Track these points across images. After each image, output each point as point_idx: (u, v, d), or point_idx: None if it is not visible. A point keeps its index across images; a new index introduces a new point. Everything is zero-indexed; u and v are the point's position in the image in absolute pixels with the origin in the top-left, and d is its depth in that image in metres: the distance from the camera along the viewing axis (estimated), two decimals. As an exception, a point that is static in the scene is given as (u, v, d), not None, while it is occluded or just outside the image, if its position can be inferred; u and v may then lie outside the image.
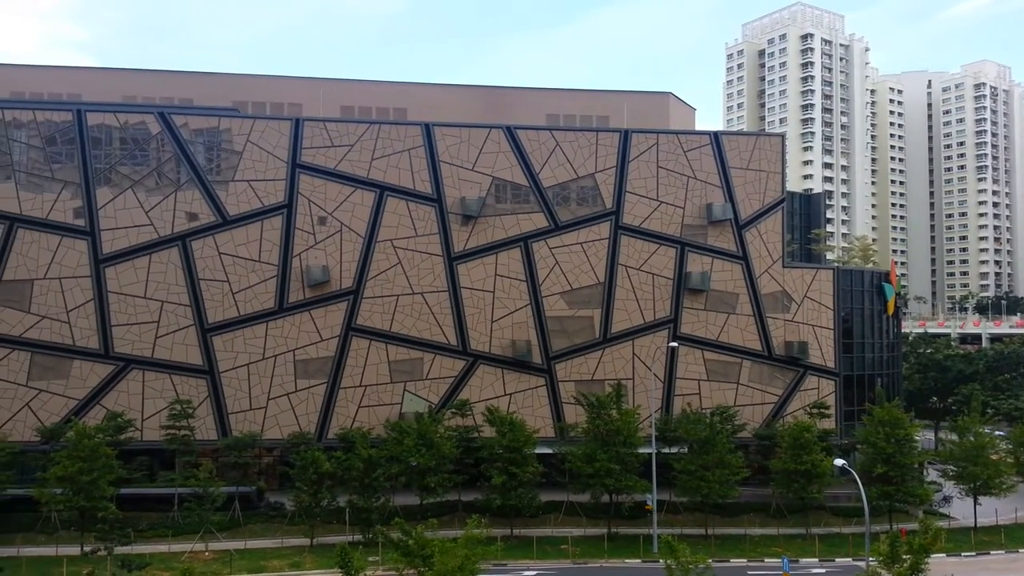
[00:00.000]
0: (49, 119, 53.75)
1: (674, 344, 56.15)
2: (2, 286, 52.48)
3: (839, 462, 42.18)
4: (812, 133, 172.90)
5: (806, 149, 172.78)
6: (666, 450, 51.27)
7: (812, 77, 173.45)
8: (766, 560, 44.62)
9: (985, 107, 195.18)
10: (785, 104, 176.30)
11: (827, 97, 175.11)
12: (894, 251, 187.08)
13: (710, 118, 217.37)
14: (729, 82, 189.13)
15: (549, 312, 56.86)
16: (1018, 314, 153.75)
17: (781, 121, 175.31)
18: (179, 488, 47.93)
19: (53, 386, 52.64)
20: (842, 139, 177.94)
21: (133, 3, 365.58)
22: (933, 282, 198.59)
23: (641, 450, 48.44)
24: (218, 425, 53.80)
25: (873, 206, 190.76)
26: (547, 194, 57.20)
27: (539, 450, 50.16)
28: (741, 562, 44.43)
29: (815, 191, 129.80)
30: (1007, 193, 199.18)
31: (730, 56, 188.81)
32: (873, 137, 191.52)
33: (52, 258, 52.92)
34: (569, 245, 57.32)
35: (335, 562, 33.08)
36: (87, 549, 41.63)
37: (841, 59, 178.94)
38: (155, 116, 54.77)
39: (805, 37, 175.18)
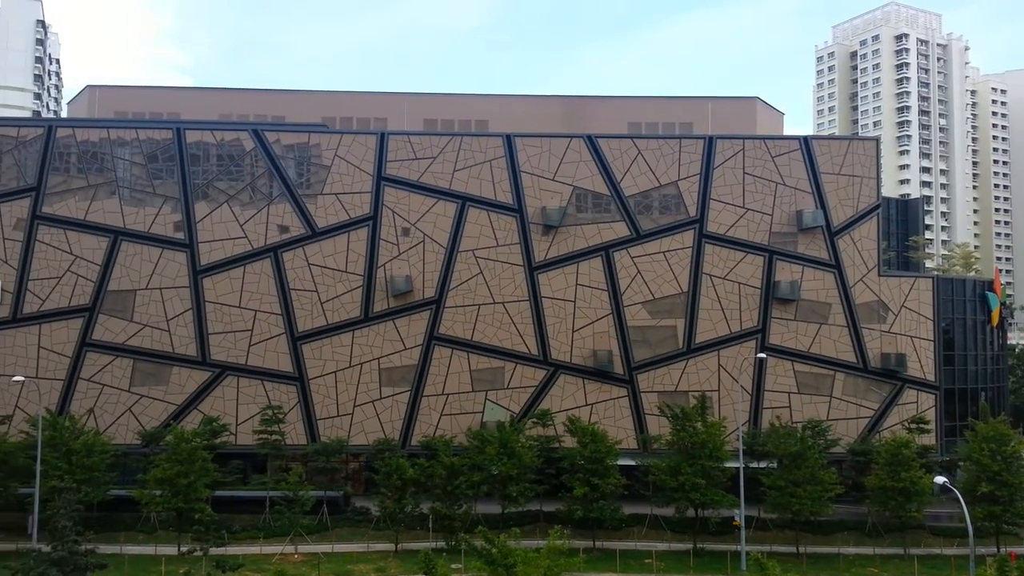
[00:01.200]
0: (151, 137, 56.69)
1: (762, 355, 54.48)
2: (107, 296, 55.50)
3: (940, 480, 39.79)
4: (908, 136, 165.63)
5: (902, 153, 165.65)
6: (754, 464, 49.76)
7: (908, 79, 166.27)
8: (862, 581, 42.65)
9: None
10: (879, 107, 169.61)
11: (924, 99, 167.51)
12: (998, 259, 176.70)
13: (799, 123, 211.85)
14: (819, 85, 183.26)
15: (631, 322, 56.18)
16: None
17: (875, 124, 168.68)
18: (270, 491, 49.41)
19: (154, 391, 55.24)
20: (941, 142, 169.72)
21: (228, 27, 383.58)
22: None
23: (728, 464, 47.15)
24: (307, 431, 55.30)
25: (975, 212, 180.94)
26: (629, 203, 56.64)
27: (621, 462, 49.52)
28: (835, 582, 42.64)
29: (912, 196, 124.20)
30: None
31: (820, 59, 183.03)
32: (974, 140, 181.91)
33: (153, 269, 55.66)
34: (651, 254, 56.55)
35: (419, 568, 33.43)
36: (183, 549, 43.28)
37: (939, 59, 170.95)
38: (249, 133, 57.02)
39: (899, 37, 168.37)
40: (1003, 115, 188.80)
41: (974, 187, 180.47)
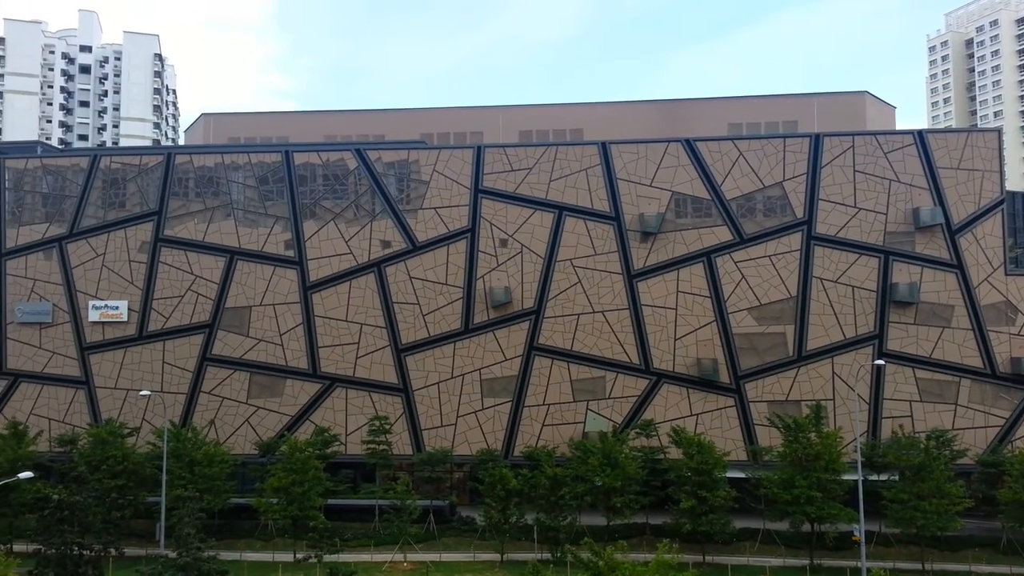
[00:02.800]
0: (262, 161, 59.40)
1: (880, 362, 51.56)
2: (225, 313, 58.37)
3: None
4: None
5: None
6: (874, 477, 47.25)
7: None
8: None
9: None
10: (1000, 96, 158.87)
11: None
12: None
13: (912, 117, 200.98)
14: (932, 76, 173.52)
15: (736, 329, 54.50)
16: None
17: (996, 115, 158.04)
18: (379, 500, 50.54)
19: (269, 403, 57.62)
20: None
21: (330, 53, 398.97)
22: None
23: (845, 476, 44.90)
24: (412, 441, 56.34)
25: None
26: (731, 206, 55.09)
27: (730, 474, 47.99)
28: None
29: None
30: None
31: (932, 48, 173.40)
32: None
33: (267, 286, 58.17)
34: (756, 258, 54.76)
35: (526, 579, 33.27)
36: (299, 556, 44.82)
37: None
38: (352, 153, 58.88)
39: (1020, 21, 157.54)
40: None
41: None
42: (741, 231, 54.91)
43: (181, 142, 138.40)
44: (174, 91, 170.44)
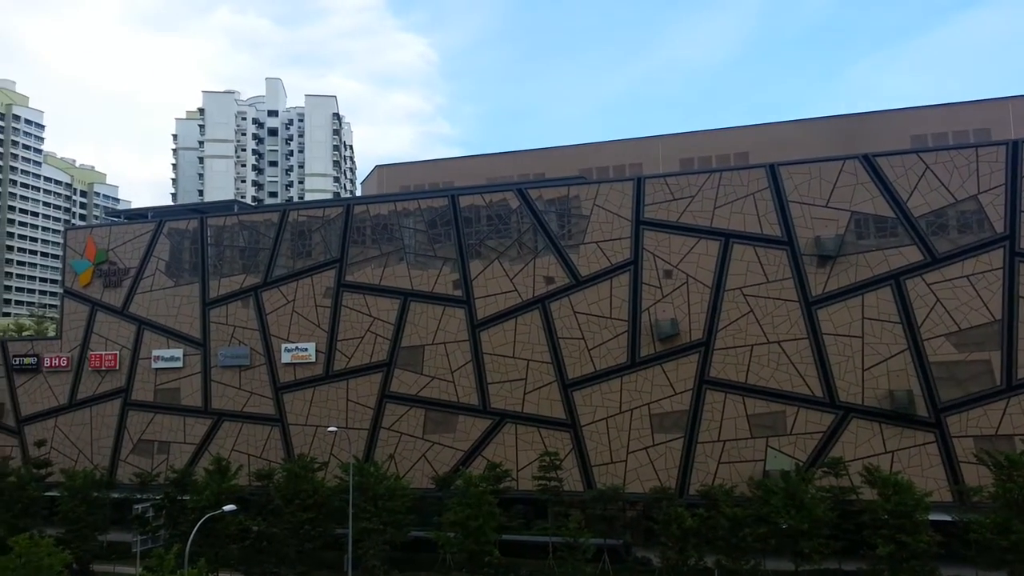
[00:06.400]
0: (430, 205, 62.10)
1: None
2: (401, 352, 61.08)
3: None
4: None
5: None
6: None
7: None
8: None
9: None
10: None
11: None
12: None
13: None
14: None
15: (933, 357, 49.78)
16: None
17: None
18: (552, 537, 50.30)
19: (443, 439, 59.34)
20: None
21: (492, 98, 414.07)
22: None
23: (1076, 523, 39.42)
24: (583, 477, 55.81)
25: None
26: (919, 224, 50.82)
27: (933, 516, 43.58)
28: None
29: None
30: None
31: None
32: None
33: (438, 325, 60.33)
34: (952, 279, 49.99)
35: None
36: (476, 590, 45.38)
37: None
38: (514, 192, 60.24)
39: None
40: None
41: None
42: (933, 250, 50.41)
43: (358, 193, 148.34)
44: (350, 146, 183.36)
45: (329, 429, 54.15)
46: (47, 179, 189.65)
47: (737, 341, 53.55)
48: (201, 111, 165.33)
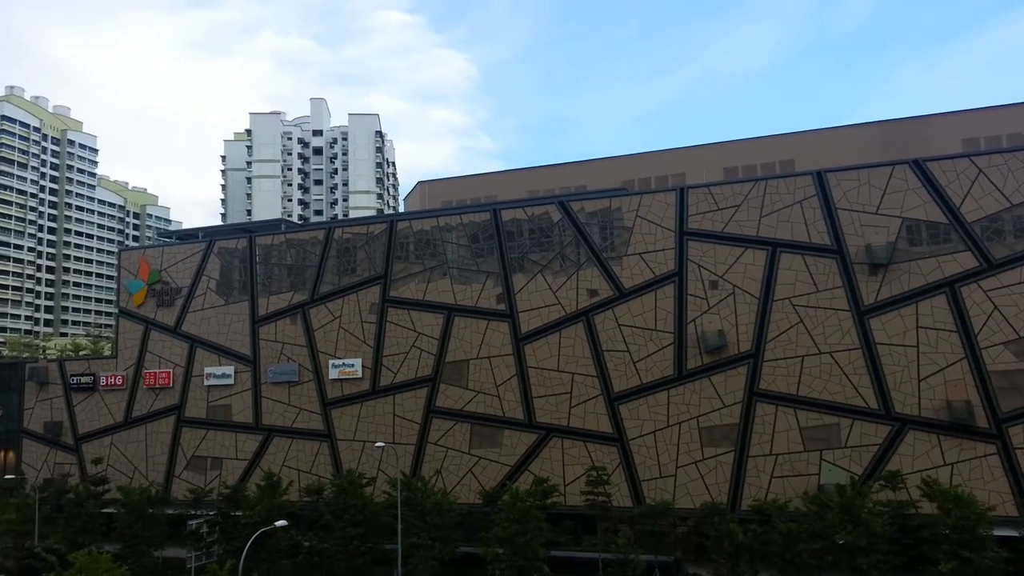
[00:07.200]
0: (473, 220, 62.40)
1: None
2: (446, 367, 61.31)
3: None
4: None
5: None
6: None
7: None
8: None
9: None
10: None
11: None
12: None
13: None
14: None
15: (992, 366, 48.19)
16: None
17: None
18: (601, 553, 49.77)
19: (489, 453, 59.30)
20: None
21: (532, 111, 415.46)
22: None
23: None
24: (631, 492, 55.19)
25: None
26: (973, 229, 49.39)
27: (998, 532, 42.10)
28: None
29: None
30: None
31: None
32: None
33: (482, 340, 60.45)
34: (1010, 286, 48.38)
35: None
36: (526, 606, 45.07)
37: None
38: (556, 205, 60.20)
39: None
40: None
41: None
42: (989, 256, 48.91)
43: (401, 209, 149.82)
44: (393, 163, 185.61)
45: (377, 444, 54.50)
46: (101, 202, 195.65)
47: (787, 352, 52.57)
48: (248, 132, 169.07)
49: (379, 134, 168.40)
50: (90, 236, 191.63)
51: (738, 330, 53.89)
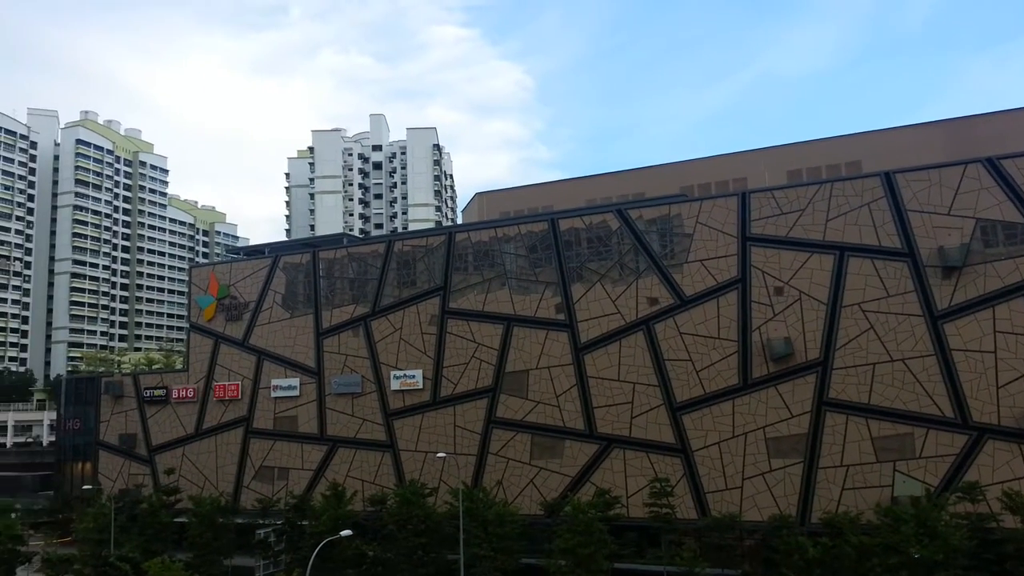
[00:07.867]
0: (530, 230, 62.40)
1: None
2: (506, 377, 61.31)
3: None
4: None
5: None
6: None
7: None
8: None
9: None
10: None
11: None
12: None
13: None
14: None
15: (1079, 372, 45.77)
16: None
17: None
18: (666, 567, 48.88)
19: (551, 464, 58.96)
20: None
21: (589, 119, 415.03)
22: None
23: None
24: (696, 504, 54.12)
25: None
26: (1055, 228, 47.07)
27: (1090, 548, 39.72)
28: None
29: None
30: None
31: None
32: None
33: (541, 350, 60.28)
34: (1097, 287, 45.96)
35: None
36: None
37: None
38: (614, 213, 59.75)
39: None
40: None
41: None
42: (1072, 256, 46.56)
43: (459, 221, 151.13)
44: (451, 175, 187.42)
45: (438, 455, 54.75)
46: (172, 220, 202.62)
47: (858, 360, 50.91)
48: (311, 149, 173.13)
49: (437, 147, 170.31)
50: (162, 254, 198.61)
51: (805, 337, 52.45)
